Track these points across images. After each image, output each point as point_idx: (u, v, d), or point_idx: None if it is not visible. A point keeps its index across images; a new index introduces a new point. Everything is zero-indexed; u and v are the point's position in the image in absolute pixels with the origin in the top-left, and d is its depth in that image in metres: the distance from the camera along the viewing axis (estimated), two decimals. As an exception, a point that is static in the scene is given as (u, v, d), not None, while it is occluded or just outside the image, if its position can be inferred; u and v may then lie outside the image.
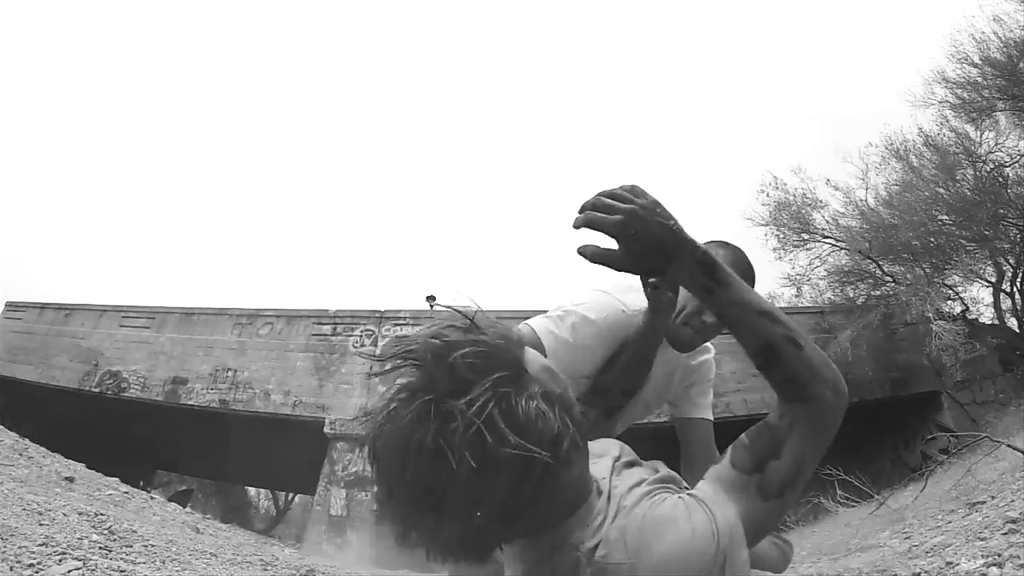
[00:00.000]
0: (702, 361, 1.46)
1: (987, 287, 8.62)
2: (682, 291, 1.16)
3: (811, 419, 0.69)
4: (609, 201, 0.71)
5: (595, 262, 0.73)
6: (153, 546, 2.27)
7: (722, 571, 0.62)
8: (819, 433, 0.69)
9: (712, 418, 1.49)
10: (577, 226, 0.72)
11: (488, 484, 0.58)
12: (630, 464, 0.80)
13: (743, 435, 0.72)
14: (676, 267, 0.72)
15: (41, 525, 2.14)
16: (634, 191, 0.72)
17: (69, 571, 1.46)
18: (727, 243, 1.28)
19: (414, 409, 0.60)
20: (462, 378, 0.60)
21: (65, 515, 2.49)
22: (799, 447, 0.68)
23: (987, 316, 8.85)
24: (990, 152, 8.11)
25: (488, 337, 0.63)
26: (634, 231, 0.70)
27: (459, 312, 0.66)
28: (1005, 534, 1.96)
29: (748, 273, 1.24)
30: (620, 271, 0.74)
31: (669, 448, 1.36)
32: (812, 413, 0.69)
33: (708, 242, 1.28)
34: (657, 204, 0.72)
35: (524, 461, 0.59)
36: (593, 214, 0.71)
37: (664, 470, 0.80)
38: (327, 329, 9.93)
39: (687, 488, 0.73)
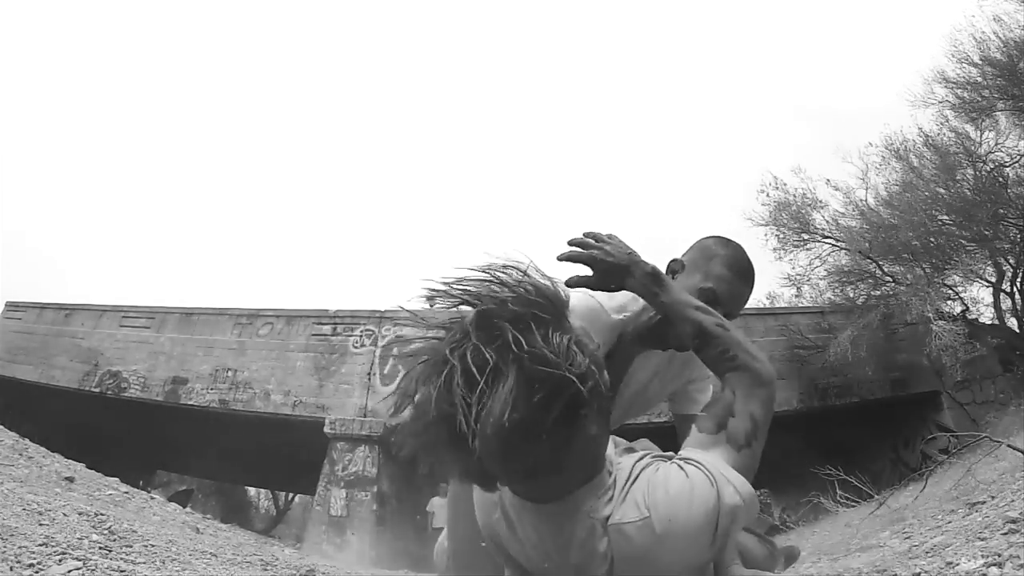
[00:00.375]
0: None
1: (987, 287, 8.60)
2: None
3: (747, 383, 0.84)
4: (585, 239, 1.00)
5: (576, 287, 0.98)
6: (153, 546, 2.27)
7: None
8: (758, 396, 0.84)
9: None
10: (561, 259, 0.98)
11: (521, 395, 0.64)
12: (629, 449, 0.93)
13: (700, 411, 0.87)
14: (631, 280, 0.98)
15: (41, 525, 2.14)
16: (610, 236, 1.00)
17: (69, 571, 1.45)
18: (728, 240, 1.28)
19: (458, 318, 0.69)
20: (508, 304, 0.68)
21: (65, 515, 2.49)
22: (746, 405, 0.82)
23: (987, 316, 8.85)
24: (990, 152, 8.09)
25: (536, 281, 0.72)
26: (602, 258, 0.97)
27: (511, 263, 0.74)
28: (1005, 534, 1.95)
29: (748, 271, 1.24)
30: (594, 290, 1.01)
31: (669, 447, 1.36)
32: (745, 378, 0.85)
33: (709, 237, 1.29)
34: (622, 243, 1.00)
35: (555, 383, 0.65)
36: (574, 249, 0.99)
37: (657, 450, 0.90)
38: (327, 329, 9.91)
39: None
